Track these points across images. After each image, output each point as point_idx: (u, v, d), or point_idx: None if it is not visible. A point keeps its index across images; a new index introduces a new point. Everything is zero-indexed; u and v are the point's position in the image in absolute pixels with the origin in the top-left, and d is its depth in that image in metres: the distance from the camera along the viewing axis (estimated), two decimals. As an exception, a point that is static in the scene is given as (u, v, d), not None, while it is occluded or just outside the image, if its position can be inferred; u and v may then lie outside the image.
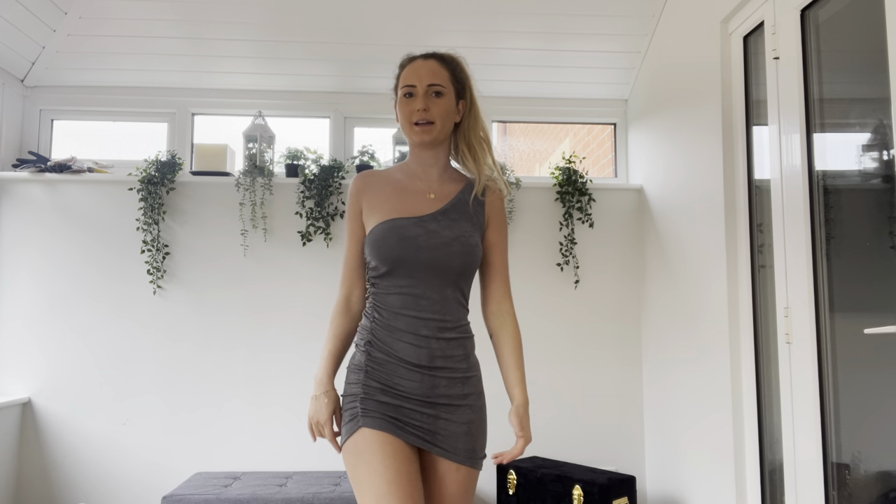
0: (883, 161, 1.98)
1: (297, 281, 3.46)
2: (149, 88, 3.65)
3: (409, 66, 1.68)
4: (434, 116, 1.63)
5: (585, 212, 3.57)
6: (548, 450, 3.47)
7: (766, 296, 2.50)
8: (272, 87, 3.66)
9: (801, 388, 2.21)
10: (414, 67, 1.66)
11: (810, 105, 2.23)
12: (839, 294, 2.12)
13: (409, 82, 1.64)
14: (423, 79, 1.64)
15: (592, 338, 3.55)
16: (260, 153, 3.45)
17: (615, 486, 2.83)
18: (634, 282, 3.60)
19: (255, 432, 3.38)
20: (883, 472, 1.96)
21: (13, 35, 3.21)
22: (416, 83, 1.63)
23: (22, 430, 3.33)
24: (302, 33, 3.40)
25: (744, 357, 2.61)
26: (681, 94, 3.08)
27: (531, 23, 3.38)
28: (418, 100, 1.63)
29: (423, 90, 1.63)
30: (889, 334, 1.87)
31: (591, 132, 4.57)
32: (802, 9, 2.25)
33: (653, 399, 3.41)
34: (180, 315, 3.42)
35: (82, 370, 3.36)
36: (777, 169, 2.36)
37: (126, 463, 3.33)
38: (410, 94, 1.64)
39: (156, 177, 3.38)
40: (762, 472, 2.53)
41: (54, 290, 3.39)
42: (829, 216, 2.16)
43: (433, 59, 1.67)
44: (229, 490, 2.89)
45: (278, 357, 3.42)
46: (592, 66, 3.63)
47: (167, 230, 3.45)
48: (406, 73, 1.66)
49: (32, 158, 3.47)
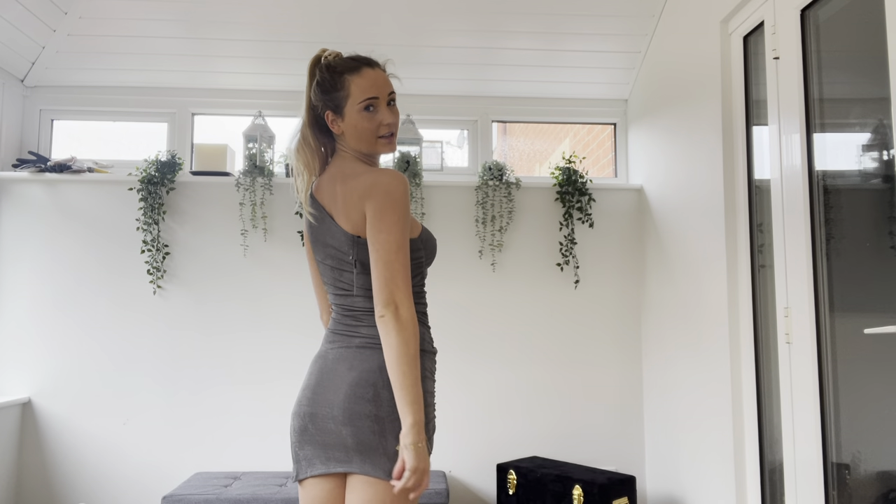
0: (883, 161, 1.98)
1: (296, 281, 3.46)
2: (149, 88, 3.65)
3: (363, 74, 1.57)
4: (394, 126, 1.61)
5: (585, 212, 3.57)
6: (548, 450, 3.47)
7: (766, 296, 2.50)
8: (272, 87, 3.66)
9: (801, 388, 2.21)
10: (371, 77, 1.57)
11: (810, 105, 2.23)
12: (839, 294, 2.12)
13: (372, 94, 1.55)
14: (384, 88, 1.58)
15: (592, 338, 3.55)
16: (260, 153, 3.45)
17: (615, 486, 2.83)
18: (634, 282, 3.60)
19: (255, 432, 3.38)
20: (883, 472, 1.96)
21: (13, 35, 3.21)
22: (377, 94, 1.56)
23: (22, 430, 3.33)
24: (302, 33, 3.40)
25: (744, 357, 2.61)
26: (681, 94, 3.08)
27: (531, 23, 3.38)
28: (383, 112, 1.57)
29: (385, 100, 1.57)
30: (889, 334, 1.87)
31: (591, 132, 4.57)
32: (802, 9, 2.25)
33: (653, 399, 3.41)
34: (180, 315, 3.42)
35: (82, 370, 3.36)
36: (777, 169, 2.36)
37: (126, 463, 3.33)
38: (373, 107, 1.56)
39: (156, 177, 3.38)
40: (762, 472, 2.53)
41: (54, 291, 3.39)
42: (829, 216, 2.16)
43: (379, 67, 1.61)
44: (229, 490, 2.89)
45: (278, 357, 3.42)
46: (592, 66, 3.63)
47: (167, 230, 3.45)
48: (364, 84, 1.56)
49: (32, 158, 3.47)
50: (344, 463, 1.49)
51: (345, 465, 1.49)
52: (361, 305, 1.56)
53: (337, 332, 1.59)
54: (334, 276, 1.59)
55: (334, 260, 1.58)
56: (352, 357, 1.53)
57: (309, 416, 1.52)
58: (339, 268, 1.57)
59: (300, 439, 1.55)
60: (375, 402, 1.47)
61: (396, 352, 1.41)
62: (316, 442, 1.52)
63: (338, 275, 1.58)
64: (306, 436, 1.53)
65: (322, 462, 1.52)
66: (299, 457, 1.56)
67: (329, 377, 1.53)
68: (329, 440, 1.50)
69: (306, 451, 1.54)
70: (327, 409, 1.50)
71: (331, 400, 1.50)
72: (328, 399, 1.50)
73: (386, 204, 1.48)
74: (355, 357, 1.52)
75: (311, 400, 1.53)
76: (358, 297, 1.56)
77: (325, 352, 1.59)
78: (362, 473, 1.46)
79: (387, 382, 1.48)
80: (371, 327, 1.54)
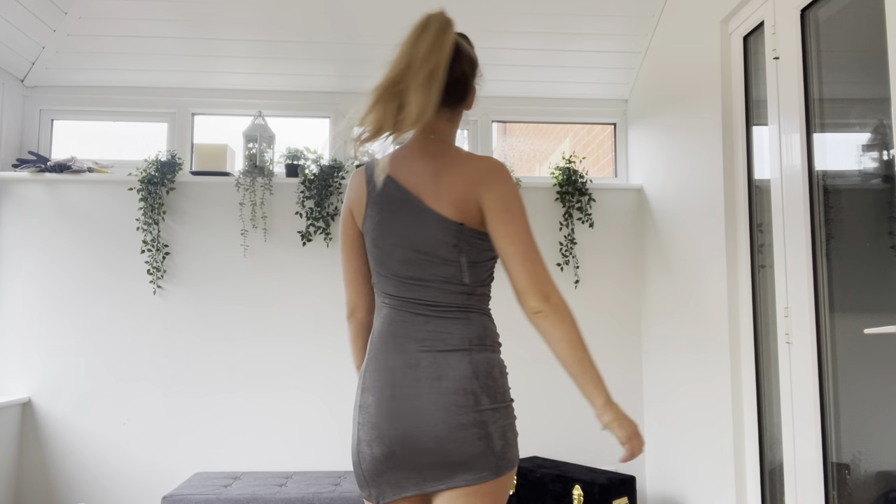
0: (883, 161, 1.98)
1: (296, 281, 3.46)
2: (149, 88, 3.65)
3: None
4: None
5: (585, 212, 3.57)
6: (548, 450, 3.47)
7: (766, 296, 2.50)
8: (272, 87, 3.66)
9: (801, 388, 2.21)
10: None
11: (810, 105, 2.23)
12: (839, 294, 2.12)
13: None
14: None
15: (592, 338, 3.55)
16: (260, 153, 3.45)
17: (615, 486, 2.83)
18: (634, 282, 3.60)
19: (255, 432, 3.38)
20: (883, 472, 1.96)
21: (13, 35, 3.21)
22: None
23: (22, 430, 3.33)
24: (301, 33, 3.40)
25: (744, 357, 2.61)
26: (681, 94, 3.08)
27: (531, 23, 3.38)
28: None
29: None
30: (889, 334, 1.87)
31: (591, 132, 4.57)
32: (802, 9, 2.25)
33: (653, 399, 3.41)
34: (180, 315, 3.42)
35: (82, 370, 3.36)
36: (777, 169, 2.36)
37: (126, 463, 3.33)
38: None
39: (156, 177, 3.38)
40: (762, 472, 2.53)
41: (54, 291, 3.39)
42: (829, 216, 2.16)
43: None
44: (229, 490, 2.89)
45: (279, 357, 3.42)
46: (592, 66, 3.63)
47: (167, 230, 3.45)
48: None
49: (32, 158, 3.47)
50: (444, 481, 1.35)
51: (445, 483, 1.35)
52: (454, 302, 1.40)
53: (411, 336, 1.39)
54: (417, 267, 1.40)
55: (420, 251, 1.39)
56: (439, 364, 1.36)
57: (398, 441, 1.34)
58: (428, 259, 1.39)
59: (385, 467, 1.36)
60: (476, 408, 1.34)
61: (568, 341, 1.31)
62: (407, 466, 1.35)
63: (425, 266, 1.39)
64: (393, 462, 1.35)
65: (415, 484, 1.36)
66: (380, 482, 1.38)
67: (413, 391, 1.35)
68: (427, 460, 1.34)
69: (393, 475, 1.37)
70: (424, 427, 1.33)
71: (426, 417, 1.33)
72: (423, 416, 1.33)
73: (510, 192, 1.37)
74: (443, 364, 1.36)
75: (396, 420, 1.35)
76: (454, 292, 1.39)
77: (394, 360, 1.39)
78: (467, 485, 1.34)
79: (484, 387, 1.36)
80: (466, 327, 1.39)
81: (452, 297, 1.40)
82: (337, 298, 3.47)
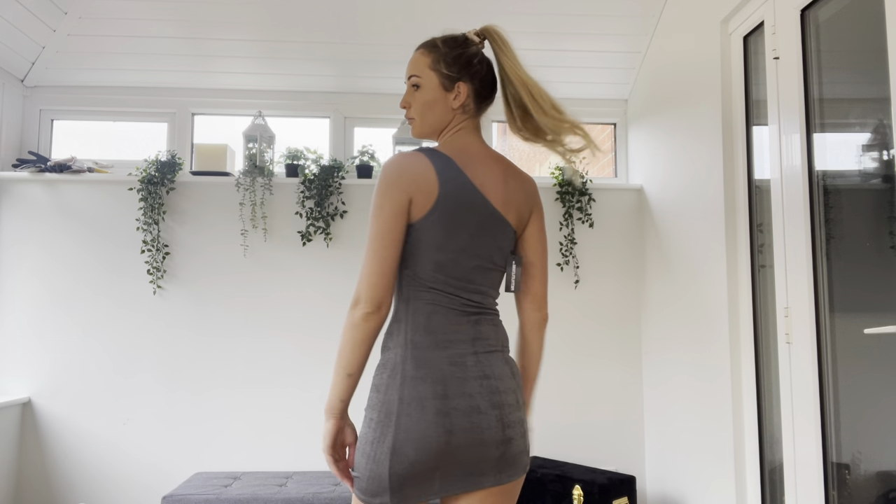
0: (883, 161, 1.98)
1: (297, 281, 3.46)
2: (149, 88, 3.65)
3: None
4: (412, 112, 1.50)
5: (585, 212, 3.57)
6: (548, 450, 3.47)
7: (766, 296, 2.50)
8: (272, 87, 3.66)
9: (801, 388, 2.21)
10: None
11: (810, 105, 2.23)
12: (839, 294, 2.12)
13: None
14: (407, 72, 1.52)
15: (592, 338, 3.55)
16: (260, 153, 3.45)
17: (615, 486, 2.83)
18: (634, 282, 3.60)
19: (255, 432, 3.38)
20: (883, 472, 1.96)
21: (13, 35, 3.21)
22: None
23: (22, 430, 3.33)
24: (302, 33, 3.40)
25: (744, 357, 2.61)
26: (681, 94, 3.08)
27: (531, 23, 3.38)
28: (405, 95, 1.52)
29: (407, 84, 1.52)
30: (889, 334, 1.87)
31: (590, 132, 4.57)
32: (802, 9, 2.25)
33: (653, 399, 3.41)
34: (180, 315, 3.42)
35: (82, 370, 3.36)
36: (777, 169, 2.36)
37: (126, 463, 3.33)
38: None
39: (156, 177, 3.38)
40: (762, 472, 2.53)
41: (54, 291, 3.39)
42: (829, 216, 2.16)
43: (421, 48, 1.51)
44: (229, 490, 2.89)
45: (279, 356, 3.42)
46: (592, 66, 3.63)
47: (167, 230, 3.45)
48: None
49: (32, 158, 3.47)
50: (488, 476, 1.36)
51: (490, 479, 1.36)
52: (490, 306, 1.45)
53: (458, 337, 1.38)
54: (477, 271, 1.41)
55: (480, 255, 1.41)
56: (482, 364, 1.38)
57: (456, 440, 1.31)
58: (487, 264, 1.42)
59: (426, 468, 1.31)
60: (519, 406, 1.41)
61: (542, 351, 1.53)
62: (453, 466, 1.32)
63: (484, 271, 1.42)
64: (441, 460, 1.31)
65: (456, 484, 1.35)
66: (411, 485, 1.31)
67: (464, 389, 1.34)
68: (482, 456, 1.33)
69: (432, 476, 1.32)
70: (481, 425, 1.33)
71: (481, 416, 1.33)
72: (478, 415, 1.33)
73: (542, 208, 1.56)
74: (485, 364, 1.38)
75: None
76: (493, 297, 1.46)
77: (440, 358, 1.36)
78: (510, 480, 1.38)
79: (519, 386, 1.43)
80: (499, 330, 1.45)
81: (490, 300, 1.46)
82: (337, 298, 3.46)
